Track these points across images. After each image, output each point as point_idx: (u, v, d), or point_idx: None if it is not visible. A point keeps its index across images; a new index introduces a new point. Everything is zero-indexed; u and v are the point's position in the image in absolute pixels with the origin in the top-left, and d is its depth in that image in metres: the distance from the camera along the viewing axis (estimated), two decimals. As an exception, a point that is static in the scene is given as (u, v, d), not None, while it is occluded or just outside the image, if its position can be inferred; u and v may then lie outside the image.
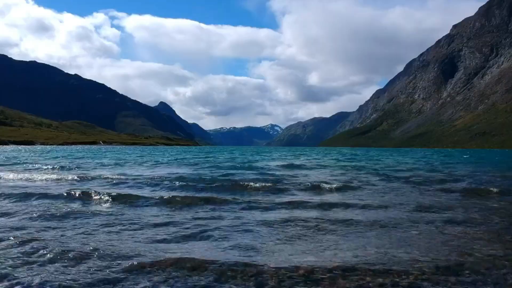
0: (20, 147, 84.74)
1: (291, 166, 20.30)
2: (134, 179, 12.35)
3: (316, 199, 8.46)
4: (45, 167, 17.89)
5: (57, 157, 29.99)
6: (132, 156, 34.84)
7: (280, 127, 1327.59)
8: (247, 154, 46.84)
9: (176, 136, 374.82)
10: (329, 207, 7.40)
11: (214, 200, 8.26)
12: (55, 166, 18.03)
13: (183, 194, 9.18)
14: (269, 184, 10.85)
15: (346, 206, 7.49)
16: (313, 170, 18.15)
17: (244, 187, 10.44)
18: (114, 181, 11.86)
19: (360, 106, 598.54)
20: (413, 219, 6.17)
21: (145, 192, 9.64)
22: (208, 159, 29.82)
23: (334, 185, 10.68)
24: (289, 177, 13.44)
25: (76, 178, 12.45)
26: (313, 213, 6.80)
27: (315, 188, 10.45)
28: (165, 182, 11.46)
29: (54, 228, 5.48)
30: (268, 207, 7.44)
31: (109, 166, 19.57)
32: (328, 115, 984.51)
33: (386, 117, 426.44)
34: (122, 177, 13.02)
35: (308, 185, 10.84)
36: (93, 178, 12.56)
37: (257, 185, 10.65)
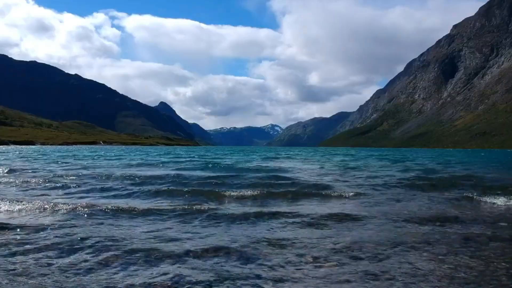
0: (19, 147, 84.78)
1: (284, 169, 18.43)
2: (84, 183, 11.13)
3: (307, 210, 7.13)
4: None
5: (28, 158, 27.54)
6: (113, 156, 34.86)
7: (280, 127, 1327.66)
8: (243, 154, 46.57)
9: (176, 136, 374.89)
10: (321, 222, 6.08)
11: (160, 210, 6.78)
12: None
13: (135, 202, 7.96)
14: (257, 192, 9.30)
15: (348, 219, 6.32)
16: (308, 172, 17.21)
17: (221, 195, 8.97)
18: (57, 184, 10.57)
19: (361, 106, 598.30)
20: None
21: (90, 197, 8.55)
22: (199, 158, 29.51)
23: (335, 192, 9.62)
24: (281, 180, 12.31)
25: (19, 181, 11.26)
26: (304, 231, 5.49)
27: (310, 194, 9.20)
28: (128, 187, 10.40)
29: None
30: (245, 222, 6.11)
31: (68, 168, 17.91)
32: (328, 115, 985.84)
33: (386, 117, 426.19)
34: (75, 177, 12.31)
35: (304, 191, 9.71)
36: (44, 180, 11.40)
37: (242, 192, 9.23)
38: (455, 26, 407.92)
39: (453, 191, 10.02)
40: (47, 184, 10.65)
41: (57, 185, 10.44)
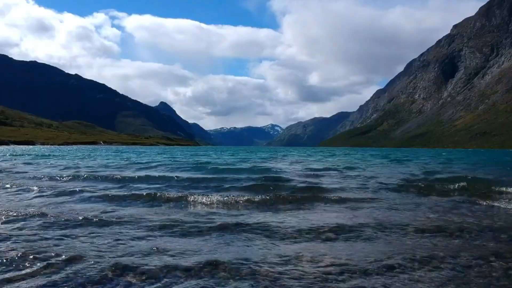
0: (18, 147, 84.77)
1: (280, 170, 16.91)
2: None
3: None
4: None
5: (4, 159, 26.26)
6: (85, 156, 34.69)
7: (280, 127, 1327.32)
8: (240, 153, 46.00)
9: (177, 136, 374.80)
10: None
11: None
12: None
13: (97, 209, 7.07)
14: (250, 197, 8.17)
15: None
16: (305, 173, 16.12)
17: (206, 201, 7.90)
18: None
19: (361, 106, 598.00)
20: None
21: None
22: (193, 158, 28.93)
23: (333, 195, 8.69)
24: (277, 182, 11.49)
25: None
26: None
27: (308, 199, 8.26)
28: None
29: None
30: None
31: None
32: (328, 115, 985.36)
33: (387, 117, 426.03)
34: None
35: (301, 195, 8.72)
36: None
37: (230, 197, 8.13)
38: (455, 26, 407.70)
39: (458, 194, 9.45)
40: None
41: (22, 188, 9.87)
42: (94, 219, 5.92)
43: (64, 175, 12.95)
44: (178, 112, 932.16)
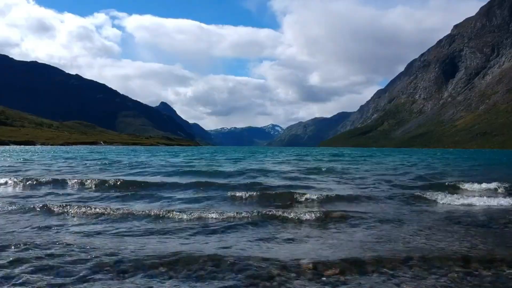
0: (18, 147, 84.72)
1: (273, 174, 15.29)
2: None
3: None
4: None
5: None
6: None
7: (281, 127, 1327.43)
8: (235, 154, 45.28)
9: (177, 136, 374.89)
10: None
11: None
12: None
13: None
14: (220, 214, 6.47)
15: None
16: (302, 178, 14.83)
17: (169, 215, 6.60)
18: None
19: (361, 106, 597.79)
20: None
21: None
22: (182, 159, 28.62)
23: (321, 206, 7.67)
24: (267, 190, 9.79)
25: None
26: None
27: (292, 220, 6.27)
28: None
29: None
30: None
31: None
32: (329, 115, 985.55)
33: (387, 117, 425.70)
34: None
35: (294, 216, 6.45)
36: None
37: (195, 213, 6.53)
38: (455, 26, 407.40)
39: (476, 206, 7.95)
40: None
41: None
42: None
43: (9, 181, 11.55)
44: (178, 112, 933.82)
